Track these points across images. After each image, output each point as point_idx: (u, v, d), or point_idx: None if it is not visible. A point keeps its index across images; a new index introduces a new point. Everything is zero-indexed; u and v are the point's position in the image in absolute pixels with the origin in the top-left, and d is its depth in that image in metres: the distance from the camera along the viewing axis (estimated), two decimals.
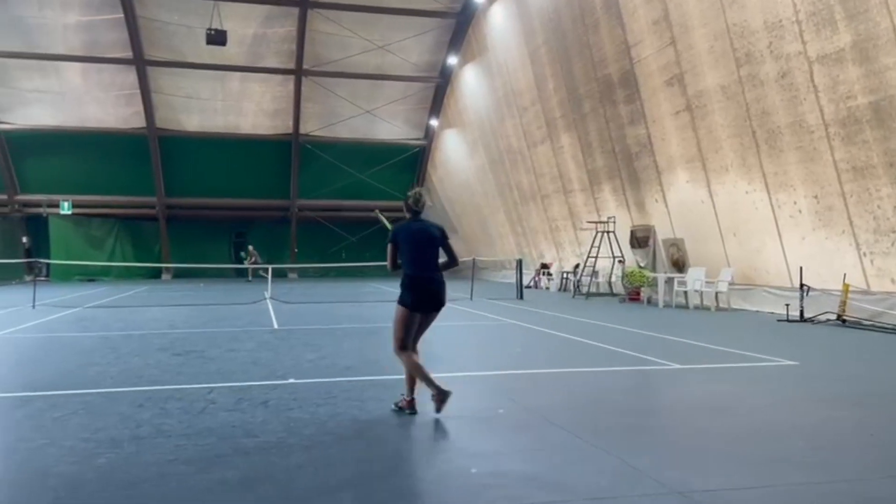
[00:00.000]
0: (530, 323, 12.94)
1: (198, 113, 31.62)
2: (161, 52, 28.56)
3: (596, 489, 3.83)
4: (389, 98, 32.23)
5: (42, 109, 30.22)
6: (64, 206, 31.26)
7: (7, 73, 28.67)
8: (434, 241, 5.84)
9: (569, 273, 23.27)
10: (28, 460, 4.34)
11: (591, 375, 7.61)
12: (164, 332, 11.33)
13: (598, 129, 19.99)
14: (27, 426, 5.14)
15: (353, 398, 6.22)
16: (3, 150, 30.81)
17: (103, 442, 4.72)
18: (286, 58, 29.74)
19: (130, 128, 31.27)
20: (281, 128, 32.93)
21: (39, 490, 3.81)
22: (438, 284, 5.72)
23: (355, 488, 3.85)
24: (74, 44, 27.57)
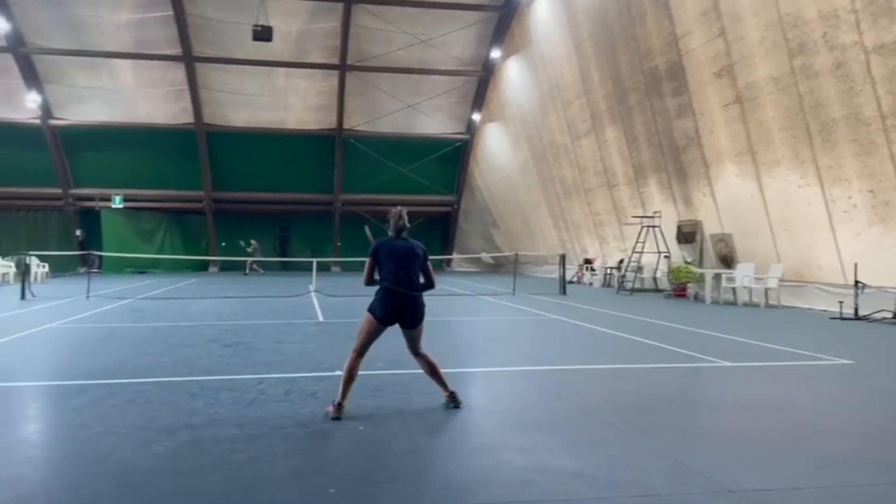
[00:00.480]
0: (574, 318, 12.85)
1: (244, 108, 32.11)
2: (209, 49, 29.09)
3: (646, 486, 3.79)
4: (432, 92, 32.27)
5: (95, 106, 31.08)
6: (115, 200, 32.14)
7: (62, 71, 29.55)
8: (416, 259, 5.79)
9: (612, 268, 23.03)
10: (88, 446, 4.49)
11: (637, 372, 7.53)
12: (212, 324, 11.57)
13: (645, 122, 19.71)
14: (87, 414, 5.31)
15: (399, 391, 6.27)
16: (57, 146, 31.79)
17: (159, 430, 4.86)
18: (330, 53, 30.00)
19: (179, 123, 31.95)
20: (325, 123, 33.26)
21: (100, 475, 3.94)
22: (414, 301, 5.67)
23: (402, 481, 3.89)
24: (126, 41, 28.28)
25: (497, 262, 35.76)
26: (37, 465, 4.21)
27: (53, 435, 4.84)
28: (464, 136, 34.65)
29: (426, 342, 5.90)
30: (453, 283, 25.26)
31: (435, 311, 14.17)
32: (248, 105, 31.97)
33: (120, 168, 32.41)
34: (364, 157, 33.81)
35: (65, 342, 9.66)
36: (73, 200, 33.20)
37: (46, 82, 29.86)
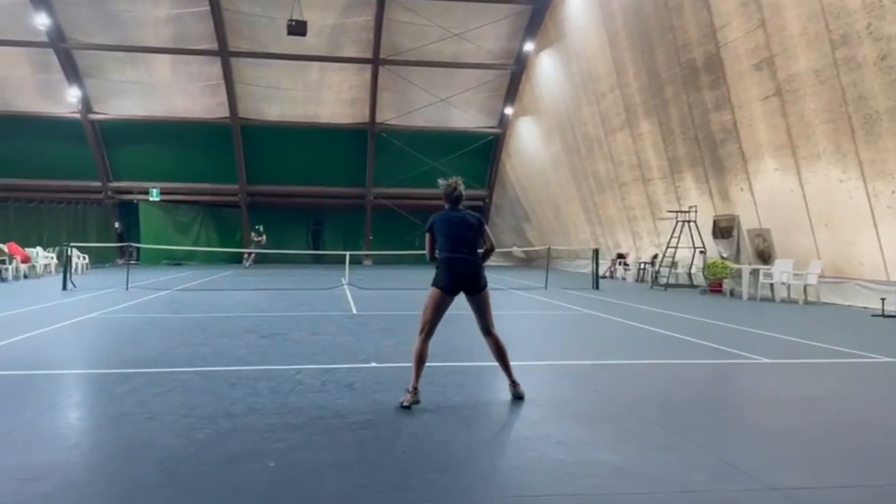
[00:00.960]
0: (607, 313, 12.76)
1: (278, 102, 32.40)
2: (244, 44, 29.38)
3: (687, 482, 3.76)
4: (464, 86, 32.20)
5: (133, 100, 31.63)
6: (153, 193, 32.73)
7: (101, 66, 30.12)
8: (472, 227, 5.82)
9: (646, 263, 22.79)
10: (133, 433, 4.58)
11: (674, 367, 7.45)
12: (249, 315, 11.72)
13: (681, 115, 19.44)
14: (131, 401, 5.42)
15: (435, 383, 6.28)
16: (97, 140, 32.44)
17: (201, 418, 4.94)
18: (364, 47, 30.10)
19: (215, 117, 32.37)
20: (358, 117, 33.41)
21: (145, 461, 4.02)
22: (473, 265, 5.73)
23: (442, 472, 3.90)
24: (164, 36, 28.70)
25: (528, 256, 35.67)
26: (83, 452, 4.32)
27: (98, 422, 4.94)
28: (496, 129, 34.54)
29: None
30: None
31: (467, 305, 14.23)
32: (281, 99, 32.25)
33: (157, 162, 32.98)
34: (396, 151, 33.90)
35: (107, 332, 9.87)
36: (112, 193, 33.87)
37: (86, 77, 30.46)
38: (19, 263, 20.54)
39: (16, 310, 12.10)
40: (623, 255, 25.36)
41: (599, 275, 20.32)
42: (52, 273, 22.70)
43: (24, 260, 21.09)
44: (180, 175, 33.11)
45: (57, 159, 32.29)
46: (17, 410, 5.16)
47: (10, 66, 29.57)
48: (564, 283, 20.98)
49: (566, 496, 3.53)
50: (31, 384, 6.24)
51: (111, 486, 3.68)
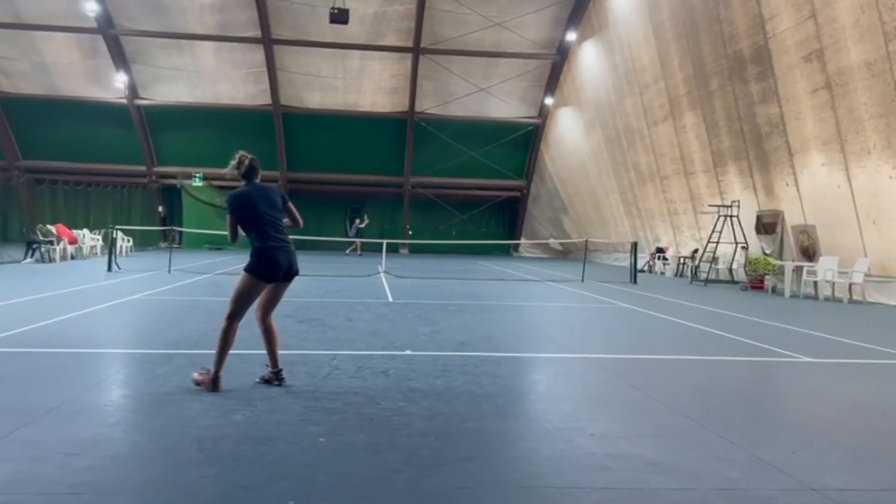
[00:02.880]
0: (645, 308, 12.61)
1: (319, 90, 32.64)
2: (287, 32, 29.64)
3: (723, 479, 3.70)
4: (504, 76, 32.03)
5: (178, 86, 32.19)
6: (196, 179, 33.31)
7: (147, 52, 30.69)
8: (279, 207, 5.57)
9: (686, 258, 22.46)
10: (174, 413, 4.69)
11: (712, 364, 7.34)
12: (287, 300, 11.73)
13: (726, 107, 19.05)
14: (172, 382, 5.55)
15: (468, 373, 6.30)
16: (142, 125, 33.12)
17: (239, 399, 5.03)
18: (405, 36, 30.11)
19: (257, 104, 32.76)
20: (398, 105, 33.48)
21: (185, 440, 4.11)
22: (294, 253, 5.49)
23: (475, 461, 3.91)
24: (209, 23, 29.10)
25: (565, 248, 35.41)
26: (125, 429, 4.43)
27: (140, 401, 5.07)
28: (535, 120, 34.30)
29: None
30: (521, 268, 25.15)
31: (502, 295, 14.22)
32: (322, 87, 32.48)
33: (200, 147, 33.49)
34: (435, 141, 33.93)
35: (149, 313, 10.10)
36: (156, 178, 34.58)
37: (133, 63, 31.07)
38: (67, 245, 21.11)
39: (63, 290, 12.46)
40: (662, 249, 25.03)
41: (638, 268, 20.08)
42: (97, 255, 23.28)
43: (72, 241, 21.67)
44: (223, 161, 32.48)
45: (104, 144, 33.09)
46: (62, 387, 5.32)
47: (61, 52, 30.34)
48: (601, 276, 20.80)
49: (599, 489, 3.51)
50: (77, 362, 6.43)
51: (151, 462, 3.77)
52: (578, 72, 29.77)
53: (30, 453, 3.78)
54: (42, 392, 5.13)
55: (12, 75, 31.28)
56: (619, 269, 23.90)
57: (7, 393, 5.10)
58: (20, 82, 31.55)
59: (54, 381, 5.51)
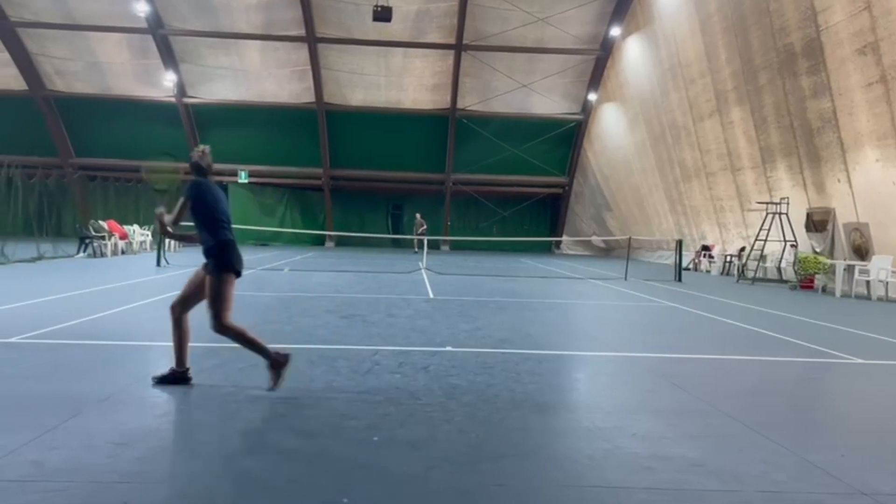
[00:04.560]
0: (690, 306, 12.40)
1: (361, 88, 32.88)
2: (331, 30, 29.92)
3: (770, 482, 3.62)
4: (547, 72, 31.80)
5: (224, 85, 32.79)
6: (242, 176, 33.91)
7: (196, 51, 31.32)
8: (223, 202, 5.53)
9: (733, 256, 22.01)
10: (219, 405, 4.79)
11: (759, 364, 7.18)
12: (329, 296, 12.01)
13: (775, 102, 18.59)
14: (218, 375, 5.68)
15: (509, 370, 6.28)
16: (190, 123, 33.82)
17: (282, 393, 5.11)
18: (447, 33, 30.12)
19: (301, 102, 33.16)
20: (439, 102, 33.52)
21: (230, 432, 4.20)
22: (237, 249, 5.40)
23: (514, 458, 3.90)
24: (255, 22, 29.56)
25: (608, 245, 35.04)
26: (173, 420, 4.54)
27: (187, 392, 5.17)
28: (578, 116, 33.99)
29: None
30: (562, 265, 24.96)
31: (544, 293, 14.13)
32: (365, 85, 32.71)
33: (246, 145, 34.10)
34: (476, 137, 33.89)
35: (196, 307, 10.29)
36: None
37: (181, 62, 31.75)
38: (118, 240, 21.69)
39: (114, 284, 12.81)
40: (708, 247, 24.57)
41: (682, 266, 19.75)
42: (147, 250, 23.87)
43: (122, 237, 22.26)
44: (267, 158, 34.16)
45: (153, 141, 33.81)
46: (112, 378, 5.48)
47: (113, 52, 31.19)
48: (645, 274, 20.51)
49: (642, 489, 3.47)
50: (126, 354, 6.60)
51: (198, 453, 3.85)
52: (622, 67, 29.38)
53: (82, 442, 3.89)
54: (94, 383, 5.29)
55: (66, 75, 32.28)
56: (663, 267, 23.56)
57: (61, 383, 5.27)
58: (74, 82, 32.53)
59: (105, 373, 5.68)
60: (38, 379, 5.37)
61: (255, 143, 34.18)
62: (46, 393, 4.97)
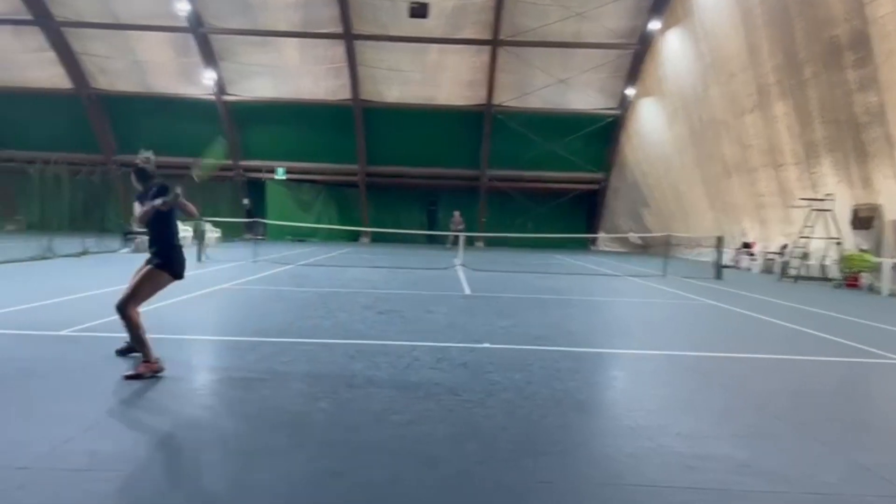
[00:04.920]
0: (731, 304, 12.20)
1: (397, 84, 32.98)
2: (367, 27, 30.06)
3: (818, 484, 3.56)
4: (584, 67, 31.53)
5: (262, 82, 33.18)
6: (279, 172, 34.32)
7: (234, 49, 31.76)
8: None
9: (775, 254, 21.57)
10: (264, 398, 4.87)
11: (805, 364, 7.04)
12: (366, 292, 12.10)
13: (820, 96, 18.16)
14: (261, 368, 5.76)
15: (548, 367, 6.26)
16: (229, 120, 34.31)
17: (324, 387, 5.17)
18: (483, 28, 30.04)
19: (338, 99, 33.41)
20: (475, 98, 33.47)
21: (275, 425, 4.27)
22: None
23: (556, 455, 3.90)
24: (293, 20, 29.85)
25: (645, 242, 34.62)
26: (218, 412, 4.62)
27: (231, 386, 5.26)
28: (616, 111, 33.63)
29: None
30: (599, 262, 24.76)
31: (580, 290, 14.03)
32: (401, 81, 32.80)
33: (283, 142, 34.50)
34: (512, 133, 33.76)
35: (237, 302, 10.48)
36: (242, 171, 35.78)
37: (221, 60, 32.23)
38: None
39: None
40: (749, 245, 24.12)
41: (722, 264, 19.43)
42: (187, 245, 24.28)
43: None
44: (304, 155, 34.52)
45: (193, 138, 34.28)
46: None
47: (154, 51, 31.79)
48: (684, 271, 20.24)
49: (686, 489, 3.43)
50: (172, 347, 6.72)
51: (245, 444, 3.92)
52: (661, 61, 28.97)
53: (132, 433, 4.00)
54: None
55: (110, 74, 33.00)
56: (702, 265, 23.22)
57: (111, 375, 5.39)
58: (117, 80, 33.24)
59: None
60: (90, 370, 5.51)
61: (292, 139, 34.55)
62: (97, 384, 5.11)
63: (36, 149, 29.05)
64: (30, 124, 33.76)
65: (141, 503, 3.07)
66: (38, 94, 33.43)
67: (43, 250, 16.79)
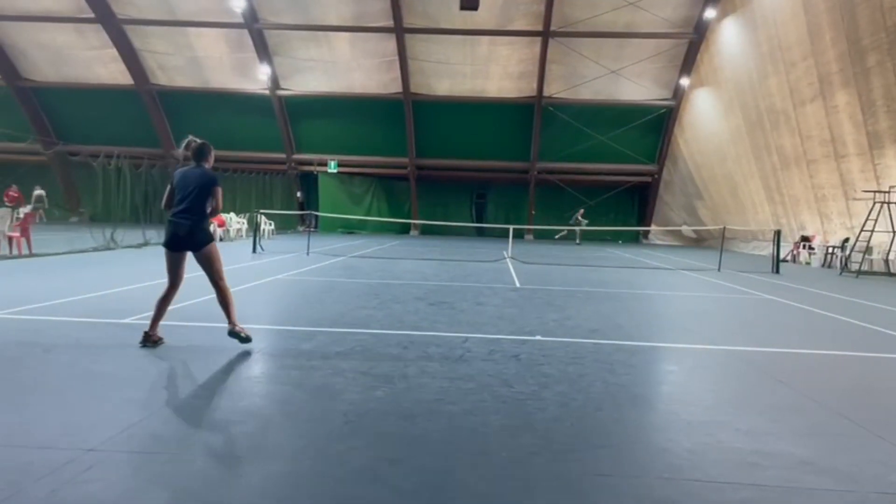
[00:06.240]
0: (790, 299, 11.88)
1: (447, 77, 33.00)
2: (418, 20, 30.14)
3: (886, 484, 3.45)
4: (637, 57, 31.00)
5: (315, 77, 33.60)
6: (331, 166, 34.77)
7: (288, 44, 32.23)
8: (202, 186, 5.97)
9: (835, 247, 20.91)
10: (321, 387, 4.96)
11: (869, 361, 6.81)
12: (417, 283, 12.18)
13: (885, 85, 17.48)
14: (316, 357, 5.86)
15: (601, 360, 6.21)
16: (283, 114, 34.88)
17: (378, 376, 5.24)
18: (534, 20, 29.80)
19: (388, 93, 33.61)
20: (525, 90, 33.25)
21: (332, 413, 4.34)
22: (189, 226, 5.92)
23: (613, 448, 3.87)
24: (345, 15, 30.14)
25: (699, 235, 33.94)
26: (277, 399, 4.72)
27: (289, 375, 5.37)
28: (669, 102, 32.99)
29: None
30: (651, 255, 24.38)
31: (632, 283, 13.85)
32: (451, 74, 32.80)
33: (335, 135, 34.92)
34: (562, 125, 33.46)
35: (292, 292, 10.67)
36: (295, 165, 36.36)
37: (275, 55, 32.75)
38: (217, 227, 22.66)
39: None
40: (808, 238, 23.43)
41: (780, 258, 18.92)
42: (242, 237, 24.85)
43: (220, 224, 23.23)
44: (355, 148, 34.87)
45: (248, 132, 35.15)
46: (220, 359, 5.75)
47: (211, 47, 32.51)
48: (740, 265, 19.77)
49: (750, 486, 3.37)
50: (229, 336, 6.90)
51: (304, 432, 4.01)
52: (717, 51, 28.28)
53: (196, 417, 4.13)
54: (204, 362, 5.59)
55: (169, 70, 33.89)
56: (759, 259, 22.66)
57: (174, 362, 5.58)
58: (175, 76, 34.12)
59: (214, 353, 5.97)
60: (153, 358, 5.70)
61: (343, 133, 34.94)
62: (161, 371, 5.28)
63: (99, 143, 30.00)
64: (93, 120, 34.96)
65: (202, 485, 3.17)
66: (101, 90, 34.58)
67: (106, 241, 17.39)
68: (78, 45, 32.86)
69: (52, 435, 3.72)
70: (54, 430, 3.79)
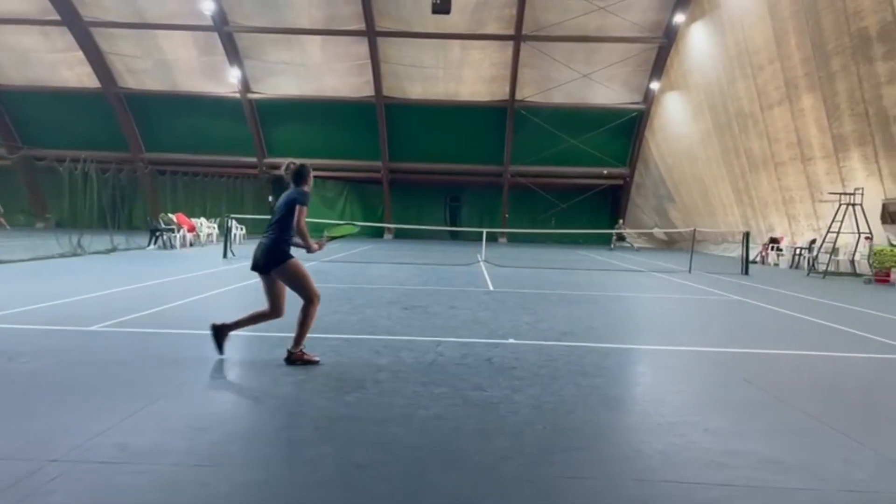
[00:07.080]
0: (758, 300, 12.06)
1: (420, 81, 32.99)
2: (390, 23, 30.10)
3: (850, 481, 3.51)
4: (608, 61, 31.29)
5: (286, 80, 33.37)
6: None
7: (259, 47, 31.97)
8: (284, 206, 5.96)
9: (803, 249, 21.28)
10: (291, 393, 4.91)
11: (833, 360, 6.94)
12: (391, 288, 12.14)
13: (849, 89, 17.85)
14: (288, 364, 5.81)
15: (573, 363, 6.24)
16: (254, 117, 34.59)
17: (349, 382, 5.21)
18: (506, 23, 29.93)
19: (361, 96, 33.51)
20: (498, 94, 33.38)
21: (301, 419, 4.30)
22: (263, 248, 5.95)
23: (585, 451, 3.89)
24: (316, 18, 29.98)
25: (670, 238, 34.34)
26: (246, 406, 4.67)
27: (258, 381, 5.31)
28: (640, 105, 33.35)
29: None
30: (623, 258, 24.60)
31: (605, 285, 13.96)
32: (423, 77, 32.81)
33: (307, 139, 34.69)
34: (535, 129, 33.63)
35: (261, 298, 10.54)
36: (266, 168, 36.05)
37: (245, 58, 32.47)
38: (186, 233, 22.39)
39: (185, 275, 13.24)
40: (776, 240, 23.82)
41: (749, 259, 19.20)
42: (213, 242, 24.56)
43: (190, 230, 22.96)
44: (328, 152, 34.64)
45: (219, 136, 34.80)
46: (188, 366, 5.67)
47: (179, 50, 32.13)
48: (710, 267, 20.03)
49: (717, 485, 3.40)
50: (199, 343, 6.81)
51: (273, 439, 3.97)
52: (686, 55, 28.67)
53: (162, 426, 4.06)
54: (172, 369, 5.50)
55: (137, 73, 33.42)
56: (729, 260, 22.98)
57: (141, 369, 5.49)
58: (144, 79, 33.64)
59: (182, 360, 5.89)
60: (119, 365, 5.60)
61: (316, 136, 34.73)
62: (127, 379, 5.19)
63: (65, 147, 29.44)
64: (59, 123, 34.31)
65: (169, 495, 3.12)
66: (67, 94, 33.96)
67: (72, 247, 17.08)
68: (43, 48, 32.26)
69: (15, 445, 3.63)
70: (17, 441, 3.70)
